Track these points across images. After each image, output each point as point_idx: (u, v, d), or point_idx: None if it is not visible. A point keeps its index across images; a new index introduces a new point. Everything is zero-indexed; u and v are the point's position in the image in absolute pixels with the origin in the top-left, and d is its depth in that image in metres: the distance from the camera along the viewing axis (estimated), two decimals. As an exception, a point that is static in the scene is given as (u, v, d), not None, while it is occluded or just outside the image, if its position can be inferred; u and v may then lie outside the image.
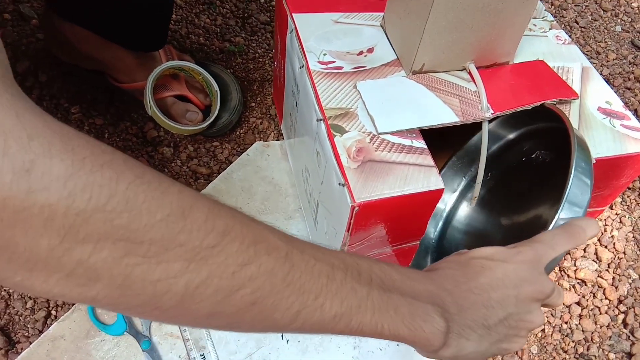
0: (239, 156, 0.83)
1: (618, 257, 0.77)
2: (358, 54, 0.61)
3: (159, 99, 0.80)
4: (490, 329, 0.41)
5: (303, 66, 0.60)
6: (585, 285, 0.74)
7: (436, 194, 0.50)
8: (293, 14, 0.64)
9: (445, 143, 0.70)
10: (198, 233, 0.27)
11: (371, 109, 0.55)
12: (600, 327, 0.71)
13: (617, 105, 0.61)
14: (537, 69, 0.62)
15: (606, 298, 0.73)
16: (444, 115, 0.55)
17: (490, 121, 0.57)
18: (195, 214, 0.27)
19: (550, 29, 0.68)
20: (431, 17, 0.51)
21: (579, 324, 0.72)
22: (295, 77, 0.63)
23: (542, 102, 0.57)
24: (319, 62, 0.60)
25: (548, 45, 0.66)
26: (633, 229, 0.80)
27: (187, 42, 0.95)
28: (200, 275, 0.27)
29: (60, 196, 0.22)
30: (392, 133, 0.53)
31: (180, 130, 0.81)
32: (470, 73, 0.59)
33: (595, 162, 0.52)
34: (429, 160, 0.52)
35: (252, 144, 0.84)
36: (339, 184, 0.50)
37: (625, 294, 0.74)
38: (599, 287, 0.74)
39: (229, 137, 0.86)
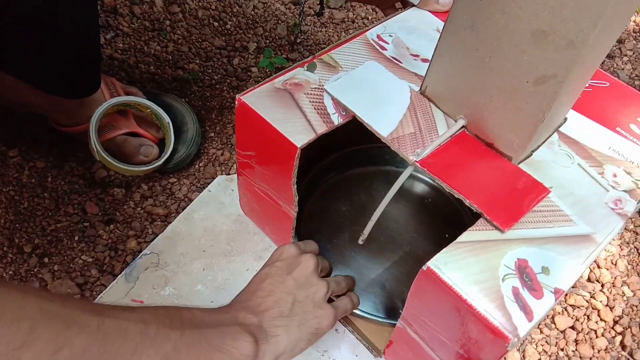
0: (200, 193, 0.76)
1: (613, 276, 0.73)
2: (413, 55, 0.60)
3: (107, 140, 0.73)
4: (289, 316, 0.47)
5: (363, 30, 0.62)
6: (579, 308, 0.70)
7: (290, 146, 0.50)
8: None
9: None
10: (2, 340, 0.30)
11: (348, 76, 0.55)
12: (598, 351, 0.67)
13: (550, 280, 0.43)
14: (530, 190, 0.48)
15: (601, 320, 0.69)
16: (384, 126, 0.51)
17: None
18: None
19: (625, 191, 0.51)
20: (441, 39, 0.49)
21: (576, 350, 0.67)
22: None
23: (468, 202, 0.46)
24: (378, 35, 0.61)
25: (597, 198, 0.50)
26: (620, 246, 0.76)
27: (137, 72, 0.89)
28: None
29: None
30: (333, 98, 0.53)
31: (134, 172, 0.73)
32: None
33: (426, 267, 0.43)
34: (322, 130, 0.51)
35: (214, 178, 0.77)
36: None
37: (621, 313, 0.70)
38: (593, 308, 0.70)
39: (187, 171, 0.79)
